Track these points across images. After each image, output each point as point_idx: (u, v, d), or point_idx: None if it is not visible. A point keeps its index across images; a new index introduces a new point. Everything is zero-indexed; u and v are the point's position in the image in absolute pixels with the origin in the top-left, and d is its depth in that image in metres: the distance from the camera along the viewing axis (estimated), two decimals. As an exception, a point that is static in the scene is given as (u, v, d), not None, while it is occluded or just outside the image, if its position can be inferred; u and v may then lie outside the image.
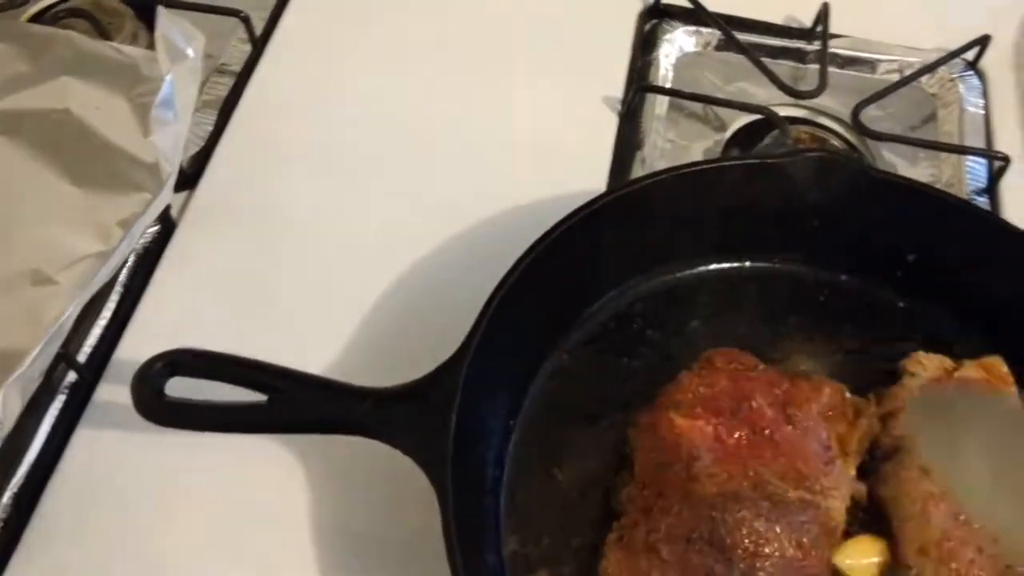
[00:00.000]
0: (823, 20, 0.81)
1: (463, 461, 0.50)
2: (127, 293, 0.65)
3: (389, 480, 0.55)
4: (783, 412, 0.54)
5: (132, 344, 0.62)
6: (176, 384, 0.51)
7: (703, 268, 0.65)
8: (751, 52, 0.78)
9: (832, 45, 0.81)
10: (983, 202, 0.73)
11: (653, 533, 0.50)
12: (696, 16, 0.82)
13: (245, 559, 0.55)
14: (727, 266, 0.65)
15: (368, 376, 0.53)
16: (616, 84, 0.78)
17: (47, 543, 0.55)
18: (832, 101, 0.79)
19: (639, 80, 0.78)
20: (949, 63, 0.81)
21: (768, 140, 0.76)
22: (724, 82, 0.80)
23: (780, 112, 0.76)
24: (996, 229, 0.62)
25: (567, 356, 0.60)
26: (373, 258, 0.67)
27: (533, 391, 0.59)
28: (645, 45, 0.81)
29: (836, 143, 0.77)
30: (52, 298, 0.56)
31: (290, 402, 0.51)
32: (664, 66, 0.80)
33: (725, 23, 0.80)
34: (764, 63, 0.78)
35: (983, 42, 0.82)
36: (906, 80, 0.79)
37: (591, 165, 0.73)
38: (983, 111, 0.80)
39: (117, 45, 0.68)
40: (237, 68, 0.77)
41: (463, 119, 0.75)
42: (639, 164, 0.73)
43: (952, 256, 0.61)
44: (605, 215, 0.59)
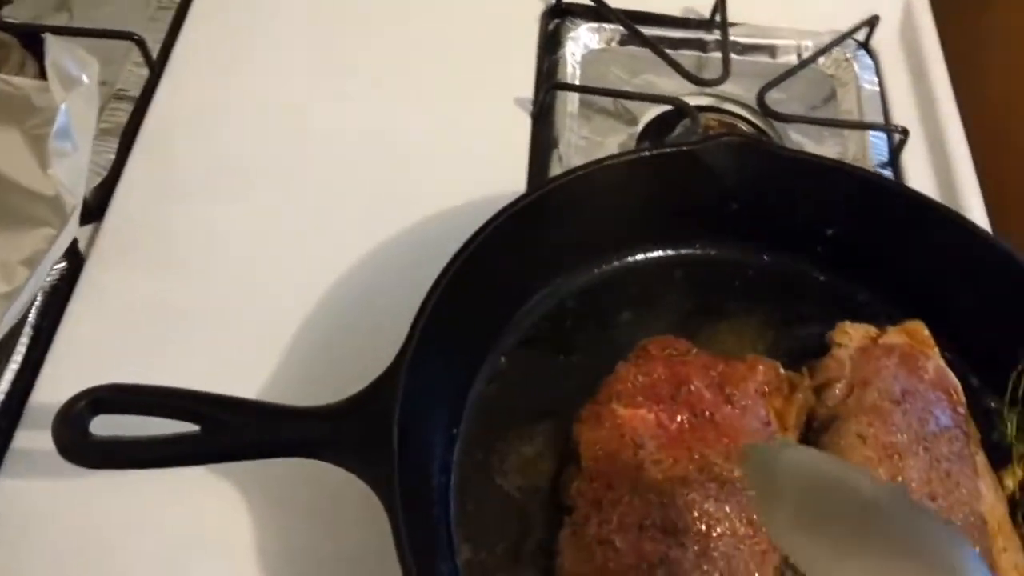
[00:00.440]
0: (721, 9, 0.83)
1: (408, 472, 0.49)
2: (38, 334, 0.62)
3: (330, 496, 0.54)
4: (721, 393, 0.55)
5: (48, 386, 0.59)
6: (100, 423, 0.49)
7: (630, 259, 0.65)
8: (655, 45, 0.80)
9: (732, 33, 0.83)
10: (888, 174, 0.76)
11: (605, 525, 0.50)
12: (598, 13, 0.83)
13: (191, 595, 0.53)
14: (653, 255, 0.66)
15: (298, 397, 0.52)
16: (526, 85, 0.78)
17: (-26, 607, 0.52)
18: (737, 87, 0.81)
19: (548, 79, 0.79)
20: (842, 44, 0.84)
21: (679, 129, 0.77)
22: (631, 76, 0.81)
23: (688, 101, 0.77)
24: (904, 198, 0.64)
25: (504, 359, 0.60)
26: (294, 276, 0.65)
27: (472, 396, 0.58)
28: (550, 44, 0.82)
29: (745, 127, 0.80)
30: (-44, 346, 0.53)
31: (225, 429, 0.50)
32: (571, 64, 0.81)
33: (627, 18, 0.81)
34: (668, 54, 0.79)
35: (872, 22, 0.85)
36: (804, 63, 0.82)
37: (509, 166, 0.73)
38: (878, 88, 0.83)
39: (5, 76, 0.65)
40: (135, 93, 0.74)
41: (375, 130, 0.74)
42: (556, 162, 0.73)
43: (867, 228, 0.63)
44: (526, 216, 0.59)
